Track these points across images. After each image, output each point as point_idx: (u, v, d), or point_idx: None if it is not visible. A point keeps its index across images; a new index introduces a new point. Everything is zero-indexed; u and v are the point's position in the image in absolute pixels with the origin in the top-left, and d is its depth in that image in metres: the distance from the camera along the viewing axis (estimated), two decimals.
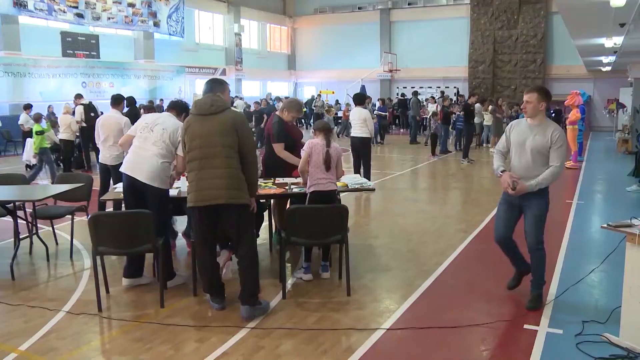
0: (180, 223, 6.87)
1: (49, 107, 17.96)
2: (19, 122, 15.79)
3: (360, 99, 10.67)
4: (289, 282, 5.45)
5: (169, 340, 4.23)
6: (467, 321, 4.50)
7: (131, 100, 12.35)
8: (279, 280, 5.17)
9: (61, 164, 14.05)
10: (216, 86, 4.94)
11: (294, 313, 4.69)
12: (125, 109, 9.67)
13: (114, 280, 5.43)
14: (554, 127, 4.68)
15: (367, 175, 10.03)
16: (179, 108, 5.53)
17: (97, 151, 9.41)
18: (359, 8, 32.81)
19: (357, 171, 10.13)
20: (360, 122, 10.12)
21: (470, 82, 29.32)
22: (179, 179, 5.69)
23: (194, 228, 4.72)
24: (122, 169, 5.26)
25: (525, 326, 4.42)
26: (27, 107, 16.11)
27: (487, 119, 17.94)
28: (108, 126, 7.85)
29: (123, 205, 5.48)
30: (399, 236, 7.26)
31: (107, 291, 5.20)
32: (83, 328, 4.52)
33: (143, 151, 5.17)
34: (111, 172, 7.69)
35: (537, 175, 4.60)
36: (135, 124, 5.57)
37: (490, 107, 17.64)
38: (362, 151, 10.27)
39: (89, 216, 4.77)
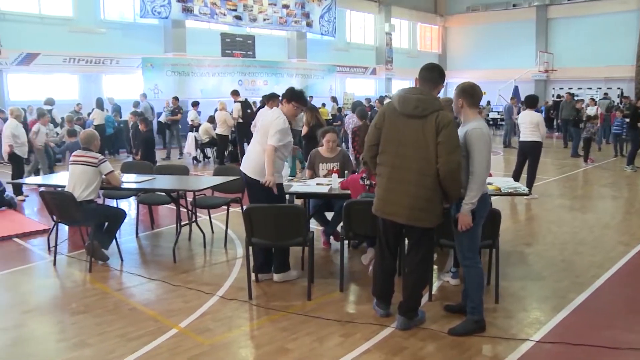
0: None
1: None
2: (189, 118, 17.03)
3: (532, 101, 10.01)
4: (435, 284, 5.36)
5: (314, 332, 4.34)
6: (628, 343, 4.13)
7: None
8: None
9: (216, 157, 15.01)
10: (435, 79, 4.31)
11: (440, 316, 4.62)
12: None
13: None
14: (474, 124, 4.15)
15: (531, 181, 9.65)
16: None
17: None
18: (514, 5, 31.45)
19: (517, 177, 9.62)
20: (532, 127, 9.60)
21: (637, 83, 26.90)
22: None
23: (378, 232, 4.53)
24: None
25: None
26: (195, 104, 17.37)
27: None
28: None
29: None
30: (552, 244, 6.87)
31: (257, 280, 5.45)
32: (234, 313, 4.78)
33: (252, 149, 5.47)
34: None
35: (464, 184, 4.12)
36: None
37: None
38: (531, 155, 9.76)
39: (244, 208, 5.03)
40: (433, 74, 4.29)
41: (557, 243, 6.93)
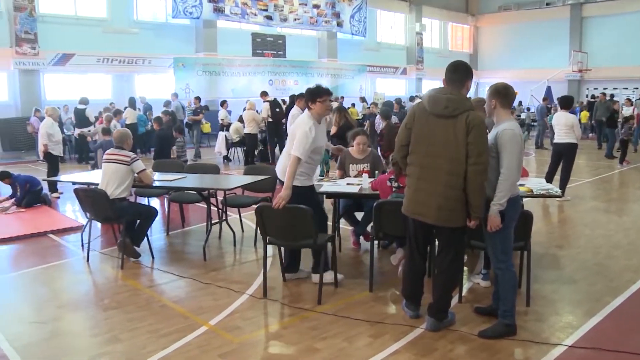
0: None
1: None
2: (220, 117, 17.16)
3: (567, 102, 9.75)
4: (466, 286, 5.31)
5: (343, 332, 4.34)
6: None
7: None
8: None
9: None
10: (460, 77, 4.23)
11: (470, 318, 4.57)
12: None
13: None
14: (506, 125, 4.13)
15: (565, 183, 9.49)
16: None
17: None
18: (547, 4, 30.95)
19: (550, 179, 9.45)
20: (567, 128, 9.41)
21: None
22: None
23: (407, 233, 4.50)
24: None
25: None
26: (223, 103, 17.51)
27: None
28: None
29: None
30: (585, 247, 6.75)
31: (284, 279, 5.48)
32: (264, 312, 4.82)
33: (284, 151, 5.45)
34: None
35: (494, 185, 4.09)
36: None
37: None
38: (566, 157, 9.59)
39: (257, 207, 5.06)
40: (458, 74, 4.23)
41: (591, 246, 6.81)
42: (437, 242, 4.59)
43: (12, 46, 16.71)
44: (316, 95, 5.22)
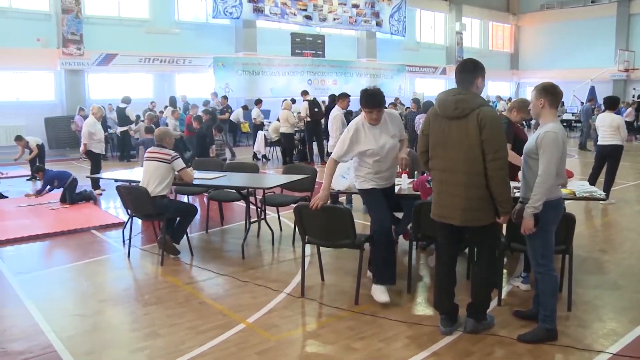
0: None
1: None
2: (252, 116, 17.27)
3: (613, 103, 9.51)
4: (505, 289, 5.23)
5: (380, 333, 4.32)
6: None
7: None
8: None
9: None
10: (467, 76, 4.14)
11: (509, 321, 4.49)
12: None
13: (331, 269, 5.72)
14: (548, 127, 4.02)
15: (609, 186, 9.26)
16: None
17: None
18: (592, 2, 30.27)
19: (593, 181, 9.20)
20: (612, 130, 9.15)
21: None
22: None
23: (438, 236, 4.46)
24: None
25: None
26: (258, 102, 17.63)
27: None
28: None
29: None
30: (630, 252, 6.56)
31: (322, 279, 5.48)
32: (301, 311, 4.83)
33: None
34: None
35: (530, 188, 4.02)
36: None
37: None
38: (611, 159, 9.35)
39: (295, 206, 5.07)
40: (466, 73, 4.15)
41: (636, 251, 6.62)
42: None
43: (59, 47, 17.17)
44: (363, 104, 4.90)
